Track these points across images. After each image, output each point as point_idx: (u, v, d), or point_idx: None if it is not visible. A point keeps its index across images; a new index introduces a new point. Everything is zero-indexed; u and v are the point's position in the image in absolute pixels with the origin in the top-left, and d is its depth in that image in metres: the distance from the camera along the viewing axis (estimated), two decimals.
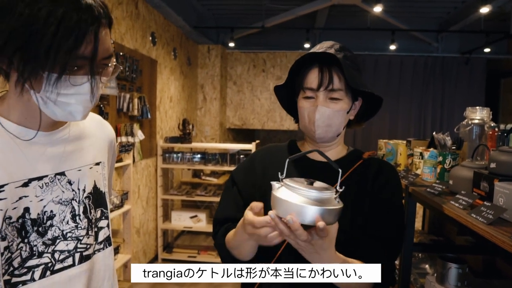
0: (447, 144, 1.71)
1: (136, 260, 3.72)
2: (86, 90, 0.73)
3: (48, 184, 0.79)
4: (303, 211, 0.73)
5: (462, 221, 1.11)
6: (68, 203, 0.82)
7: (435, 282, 1.46)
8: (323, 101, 0.99)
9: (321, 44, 1.06)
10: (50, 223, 0.79)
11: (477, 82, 5.70)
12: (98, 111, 2.86)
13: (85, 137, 0.90)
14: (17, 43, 0.66)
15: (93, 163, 0.90)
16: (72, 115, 0.75)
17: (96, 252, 0.88)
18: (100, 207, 0.91)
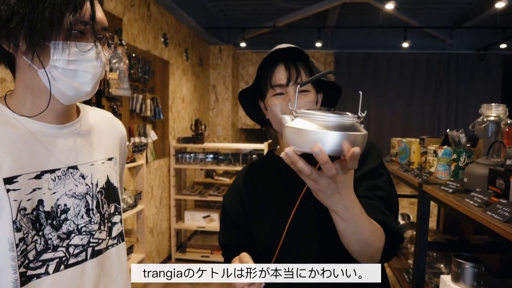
0: (462, 141, 1.69)
1: (150, 260, 3.75)
2: (93, 55, 0.76)
3: (60, 177, 0.80)
4: (327, 139, 0.61)
5: (477, 218, 1.09)
6: (82, 197, 0.83)
7: (450, 281, 1.44)
8: (294, 95, 0.98)
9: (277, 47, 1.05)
10: (65, 217, 0.79)
11: (493, 79, 5.60)
12: (112, 112, 2.89)
13: (96, 132, 0.91)
14: (23, 13, 0.69)
15: (106, 158, 0.91)
16: (82, 87, 0.76)
17: (109, 247, 0.88)
18: (113, 203, 0.91)
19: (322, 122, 0.63)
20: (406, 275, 1.96)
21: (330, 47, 5.82)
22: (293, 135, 0.65)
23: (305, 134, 0.63)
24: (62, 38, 0.72)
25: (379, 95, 5.74)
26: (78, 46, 0.74)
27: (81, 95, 0.78)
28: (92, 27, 0.75)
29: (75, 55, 0.74)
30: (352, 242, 0.84)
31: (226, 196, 1.18)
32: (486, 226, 1.03)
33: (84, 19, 0.74)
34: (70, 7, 0.71)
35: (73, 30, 0.72)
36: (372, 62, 5.72)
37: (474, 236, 2.18)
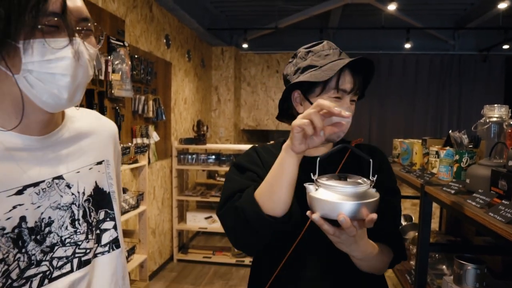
0: (464, 142, 1.68)
1: (152, 261, 3.76)
2: (69, 53, 0.65)
3: (45, 190, 0.74)
4: (347, 208, 0.74)
5: (480, 220, 1.09)
6: (67, 208, 0.78)
7: (452, 283, 1.44)
8: (348, 103, 1.02)
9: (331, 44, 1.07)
10: (49, 230, 0.74)
11: (496, 79, 5.58)
12: (114, 114, 2.90)
13: (83, 137, 0.84)
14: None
15: (94, 163, 0.85)
16: (60, 91, 0.67)
17: (98, 255, 0.83)
18: (103, 209, 0.85)
19: (341, 192, 0.76)
20: (408, 276, 1.95)
21: None
22: (316, 204, 0.78)
23: (328, 204, 0.76)
24: (29, 36, 0.61)
25: (381, 96, 5.73)
26: (49, 43, 0.63)
27: (62, 103, 0.69)
28: (65, 20, 0.63)
29: (47, 55, 0.63)
30: (365, 269, 0.98)
31: (241, 156, 1.12)
32: (489, 228, 1.03)
33: (53, 10, 0.62)
34: None
35: (38, 24, 0.61)
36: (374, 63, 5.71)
37: (476, 237, 2.18)
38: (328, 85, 1.01)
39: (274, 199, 0.88)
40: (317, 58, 1.04)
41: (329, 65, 1.02)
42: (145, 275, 3.07)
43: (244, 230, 0.92)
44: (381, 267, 1.01)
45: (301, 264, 1.02)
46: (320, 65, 1.03)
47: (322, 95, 1.02)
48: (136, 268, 3.07)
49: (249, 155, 1.12)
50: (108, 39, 2.81)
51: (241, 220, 0.91)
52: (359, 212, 0.75)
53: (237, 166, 1.09)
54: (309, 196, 0.80)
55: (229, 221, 0.97)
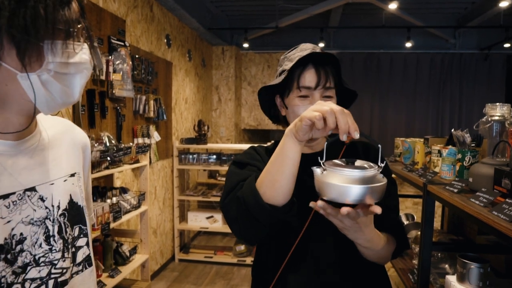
0: (466, 141, 1.68)
1: (153, 261, 3.76)
2: (87, 56, 0.69)
3: (16, 203, 0.67)
4: (352, 191, 0.73)
5: (483, 218, 1.08)
6: (41, 223, 0.71)
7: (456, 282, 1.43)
8: (318, 99, 1.01)
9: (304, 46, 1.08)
10: (20, 248, 0.67)
11: (497, 78, 5.57)
12: (115, 113, 2.90)
13: (57, 145, 0.79)
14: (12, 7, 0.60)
15: (68, 175, 0.79)
16: (73, 92, 0.69)
17: (74, 276, 0.77)
18: (78, 224, 0.79)
19: (349, 176, 0.75)
20: (410, 275, 1.95)
21: (333, 47, 5.81)
22: (323, 187, 0.76)
23: (336, 188, 0.74)
24: (56, 37, 0.64)
25: (382, 95, 5.72)
26: (69, 46, 0.66)
27: (70, 102, 0.70)
28: (85, 23, 0.68)
29: (64, 57, 0.65)
30: (370, 257, 1.00)
31: (244, 158, 1.10)
32: (493, 226, 1.02)
33: (75, 16, 0.66)
34: (57, 5, 0.63)
35: (70, 27, 0.65)
36: (375, 62, 5.71)
37: (478, 236, 2.17)
38: (292, 85, 1.03)
39: (276, 186, 0.86)
40: (288, 62, 1.06)
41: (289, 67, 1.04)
42: (147, 275, 3.07)
43: (246, 219, 0.91)
44: (386, 256, 1.04)
45: (305, 259, 1.02)
46: (286, 69, 1.05)
47: (290, 96, 1.04)
48: (138, 268, 3.07)
49: (248, 153, 1.14)
50: (109, 39, 2.80)
51: (243, 210, 0.90)
52: (363, 196, 0.73)
53: (236, 163, 1.09)
54: (316, 180, 0.78)
55: (232, 211, 0.95)
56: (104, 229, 2.32)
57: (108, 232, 2.53)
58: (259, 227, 0.91)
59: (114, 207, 2.47)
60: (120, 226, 2.96)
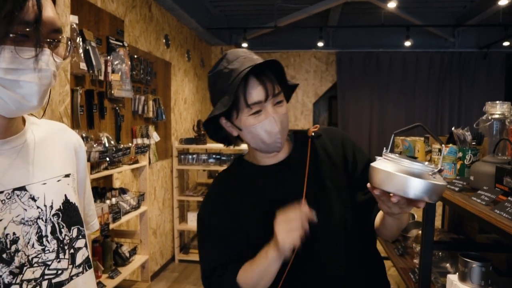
0: (467, 139, 1.67)
1: (153, 261, 3.75)
2: (36, 63, 0.63)
3: (4, 202, 0.67)
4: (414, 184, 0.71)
5: (485, 217, 1.08)
6: (33, 223, 0.70)
7: (457, 281, 1.43)
8: (272, 109, 0.95)
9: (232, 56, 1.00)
10: (16, 248, 0.66)
11: (496, 77, 5.57)
12: (114, 114, 2.89)
13: (49, 146, 0.79)
14: None
15: (62, 175, 0.78)
16: (25, 99, 0.64)
17: (73, 278, 0.76)
18: (75, 225, 0.78)
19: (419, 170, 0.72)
20: (411, 274, 1.94)
21: (332, 46, 5.81)
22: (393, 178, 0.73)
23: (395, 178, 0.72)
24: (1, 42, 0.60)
25: (381, 94, 5.72)
26: (19, 52, 0.61)
27: (26, 109, 0.66)
28: (36, 30, 0.62)
29: (14, 63, 0.61)
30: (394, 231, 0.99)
31: (205, 207, 1.07)
32: (495, 225, 1.02)
33: (26, 19, 0.61)
34: (7, 5, 0.58)
35: (10, 32, 0.59)
36: (374, 61, 5.70)
37: (479, 235, 2.17)
38: (240, 106, 0.95)
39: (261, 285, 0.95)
40: (223, 80, 0.97)
41: (232, 85, 0.94)
42: (147, 276, 3.06)
43: None
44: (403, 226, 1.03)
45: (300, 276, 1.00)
46: (226, 87, 0.96)
47: (240, 117, 0.96)
48: (138, 269, 3.06)
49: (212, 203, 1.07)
50: (107, 39, 2.79)
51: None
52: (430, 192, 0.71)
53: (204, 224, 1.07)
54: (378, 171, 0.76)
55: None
56: (104, 230, 2.32)
57: (108, 233, 2.52)
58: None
59: (114, 207, 2.46)
60: (120, 227, 2.95)
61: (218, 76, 0.98)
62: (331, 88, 5.94)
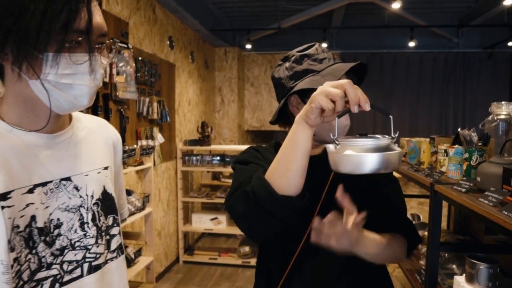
0: (473, 140, 1.66)
1: (158, 263, 3.76)
2: (87, 68, 0.69)
3: (53, 191, 0.74)
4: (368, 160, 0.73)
5: (494, 218, 1.07)
6: (76, 210, 0.77)
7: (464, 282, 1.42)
8: None
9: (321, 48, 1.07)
10: (58, 232, 0.74)
11: (501, 77, 5.54)
12: (119, 116, 2.90)
13: (90, 140, 0.85)
14: (8, 23, 0.63)
15: (102, 167, 0.85)
16: (77, 99, 0.71)
17: (108, 262, 0.84)
18: (111, 214, 0.86)
19: (363, 146, 0.75)
20: (418, 276, 1.93)
21: (336, 47, 5.80)
22: (340, 160, 0.76)
23: (350, 159, 0.75)
24: (53, 49, 0.65)
25: (385, 95, 5.71)
26: (72, 58, 0.67)
27: (77, 108, 0.73)
28: (88, 37, 0.68)
29: (68, 69, 0.68)
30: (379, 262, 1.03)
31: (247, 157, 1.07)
32: (503, 226, 1.01)
33: (80, 28, 0.67)
34: (63, 15, 0.64)
35: (65, 41, 0.66)
36: (378, 62, 5.69)
37: (486, 236, 2.15)
38: None
39: (288, 176, 0.83)
40: (313, 63, 1.03)
41: (328, 70, 1.01)
42: (152, 277, 3.07)
43: (257, 215, 0.86)
44: (396, 256, 1.05)
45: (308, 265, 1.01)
46: (318, 70, 1.02)
47: None
48: (143, 270, 3.06)
49: (248, 152, 1.11)
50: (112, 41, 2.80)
51: (253, 205, 0.85)
52: (383, 164, 0.73)
53: (239, 162, 1.07)
54: (331, 155, 0.78)
55: (239, 208, 0.90)
56: None
57: None
58: (270, 222, 0.86)
59: None
60: (125, 228, 2.95)
61: (309, 57, 1.04)
62: None
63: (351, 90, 0.74)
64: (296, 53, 1.07)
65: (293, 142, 0.82)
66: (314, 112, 0.77)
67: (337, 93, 0.75)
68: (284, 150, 0.84)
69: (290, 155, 0.83)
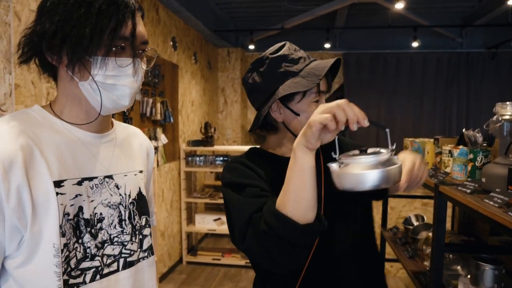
0: (478, 141, 1.66)
1: (161, 263, 3.76)
2: (131, 71, 0.77)
3: (97, 186, 0.80)
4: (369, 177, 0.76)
5: (499, 219, 1.07)
6: (116, 207, 0.83)
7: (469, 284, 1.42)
8: (324, 101, 1.03)
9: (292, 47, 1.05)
10: (100, 226, 0.80)
11: (505, 77, 5.52)
12: (123, 116, 2.91)
13: (128, 145, 0.93)
14: (66, 29, 0.72)
15: (138, 170, 0.92)
16: (120, 99, 0.78)
17: (140, 260, 0.88)
18: (145, 215, 0.91)
19: (364, 163, 0.77)
20: (422, 277, 1.93)
21: (339, 48, 5.80)
22: (342, 179, 0.78)
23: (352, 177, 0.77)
24: (102, 53, 0.74)
25: (389, 96, 5.69)
26: (118, 61, 0.75)
27: (119, 107, 0.80)
28: (132, 43, 0.77)
29: (114, 71, 0.76)
30: None
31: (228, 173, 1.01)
32: (509, 228, 1.01)
33: (125, 35, 0.75)
34: (111, 24, 0.73)
35: (112, 46, 0.74)
36: (381, 62, 5.68)
37: (490, 237, 2.14)
38: (309, 91, 0.98)
39: (303, 204, 0.81)
40: (290, 64, 1.00)
41: (307, 70, 0.99)
42: None
43: (281, 250, 0.83)
44: None
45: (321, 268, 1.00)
46: (297, 71, 0.99)
47: (303, 101, 0.99)
48: None
49: (237, 170, 1.01)
50: None
51: (275, 242, 0.82)
52: (384, 180, 0.76)
53: (232, 186, 0.98)
54: (334, 174, 0.79)
55: (258, 248, 0.85)
56: None
57: None
58: (297, 253, 0.84)
59: None
60: None
61: (284, 58, 1.01)
62: (338, 90, 5.92)
63: (349, 109, 0.75)
64: (270, 56, 1.02)
65: (299, 170, 0.81)
66: (315, 135, 0.77)
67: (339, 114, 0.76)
68: (292, 180, 0.82)
69: (301, 184, 0.81)
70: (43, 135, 0.75)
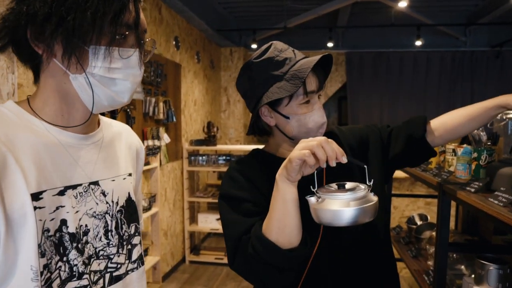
0: (482, 139, 1.65)
1: (164, 262, 3.76)
2: (134, 63, 0.68)
3: (82, 194, 0.70)
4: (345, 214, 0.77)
5: (504, 219, 1.06)
6: (102, 217, 0.74)
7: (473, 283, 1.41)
8: (317, 101, 1.00)
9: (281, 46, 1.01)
10: (86, 240, 0.70)
11: (509, 76, 5.48)
12: (125, 115, 2.91)
13: (117, 145, 0.82)
14: (62, 12, 0.61)
15: (126, 174, 0.82)
16: (118, 95, 0.69)
17: (129, 272, 0.79)
18: (134, 222, 0.82)
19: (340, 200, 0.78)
20: (426, 276, 1.92)
21: (342, 47, 5.78)
22: (319, 214, 0.80)
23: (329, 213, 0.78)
24: (103, 42, 0.64)
25: (392, 95, 5.67)
26: (121, 52, 0.66)
27: (116, 105, 0.71)
28: (136, 31, 0.68)
29: (117, 62, 0.67)
30: None
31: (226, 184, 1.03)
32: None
33: (129, 22, 0.66)
34: (113, 8, 0.63)
35: (116, 34, 0.65)
36: (384, 61, 5.66)
37: (494, 236, 2.13)
38: (296, 93, 0.96)
39: (287, 231, 0.86)
40: (274, 67, 0.97)
41: (291, 72, 0.95)
42: (158, 277, 3.07)
43: (268, 273, 0.88)
44: None
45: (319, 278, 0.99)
46: (281, 74, 0.96)
47: (291, 104, 0.97)
48: (149, 270, 3.07)
49: (233, 179, 1.03)
50: None
51: (262, 265, 0.87)
52: (360, 217, 0.77)
53: (227, 199, 1.00)
54: (312, 208, 0.82)
55: (247, 270, 0.93)
56: None
57: None
58: (283, 275, 0.89)
59: None
60: None
61: (269, 62, 0.98)
62: (340, 89, 5.91)
63: (328, 147, 0.78)
64: (254, 61, 1.00)
65: (281, 200, 0.85)
66: (295, 170, 0.81)
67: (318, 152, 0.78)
68: (276, 209, 0.86)
69: (283, 212, 0.85)
70: (17, 137, 0.64)
